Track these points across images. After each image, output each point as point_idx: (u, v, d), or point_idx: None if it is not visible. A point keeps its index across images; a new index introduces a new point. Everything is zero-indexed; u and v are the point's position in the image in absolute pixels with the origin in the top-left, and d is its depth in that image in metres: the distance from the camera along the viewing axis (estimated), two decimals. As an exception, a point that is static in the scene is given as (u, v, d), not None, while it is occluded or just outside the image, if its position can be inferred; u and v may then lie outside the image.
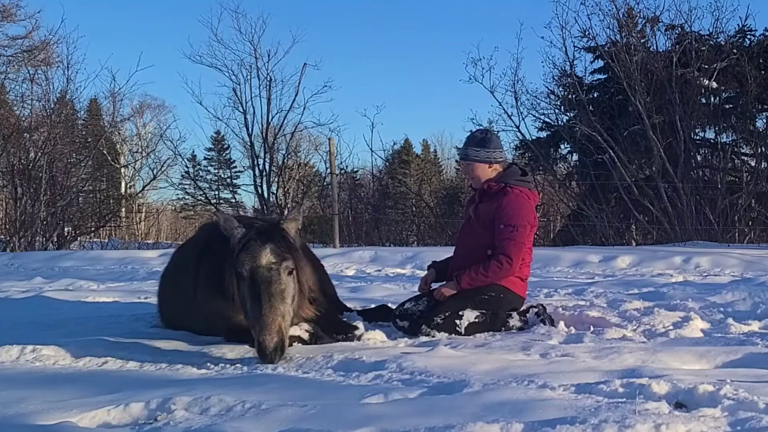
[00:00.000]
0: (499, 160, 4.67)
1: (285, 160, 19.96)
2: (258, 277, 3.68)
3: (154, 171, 23.33)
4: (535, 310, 4.65)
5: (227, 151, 43.35)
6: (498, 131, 18.31)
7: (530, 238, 4.67)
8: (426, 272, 4.96)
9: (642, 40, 16.23)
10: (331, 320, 4.39)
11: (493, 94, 17.03)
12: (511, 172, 4.67)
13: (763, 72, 15.39)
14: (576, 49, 16.71)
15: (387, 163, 21.98)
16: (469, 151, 4.65)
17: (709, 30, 15.74)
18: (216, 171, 46.19)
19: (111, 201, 24.02)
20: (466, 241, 4.73)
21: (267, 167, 18.81)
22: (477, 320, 4.43)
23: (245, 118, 19.24)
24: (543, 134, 18.19)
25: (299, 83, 18.75)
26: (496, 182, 4.62)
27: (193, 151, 42.93)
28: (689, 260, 9.33)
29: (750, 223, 15.34)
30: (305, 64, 18.78)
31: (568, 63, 16.77)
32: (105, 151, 26.90)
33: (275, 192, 18.95)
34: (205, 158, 44.73)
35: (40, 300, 6.26)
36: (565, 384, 2.89)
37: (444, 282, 4.71)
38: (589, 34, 16.31)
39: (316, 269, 4.71)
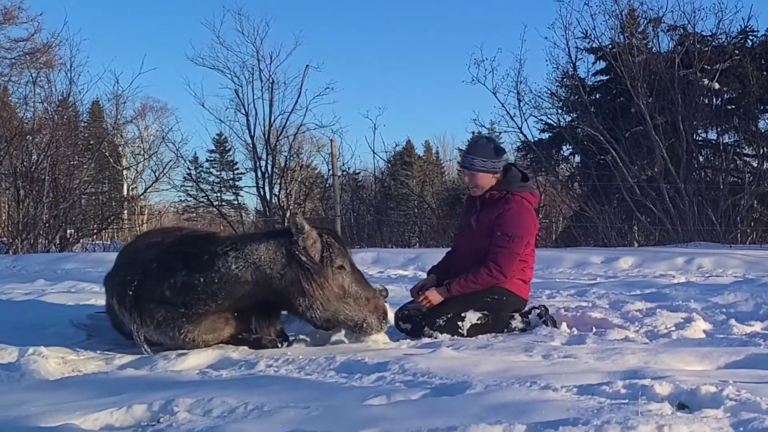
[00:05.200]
0: (501, 169, 4.62)
1: (287, 162, 19.95)
2: None
3: (157, 173, 23.34)
4: (538, 311, 4.65)
5: (229, 153, 43.40)
6: (500, 132, 18.34)
7: (531, 240, 4.66)
8: (426, 278, 4.91)
9: (644, 41, 16.23)
10: None
11: (496, 95, 17.02)
12: (512, 178, 4.61)
13: (765, 73, 15.37)
14: (578, 50, 16.73)
15: (389, 165, 21.98)
16: (476, 160, 4.54)
17: (711, 31, 15.74)
18: (218, 173, 46.24)
19: (113, 203, 24.06)
20: (467, 249, 4.68)
21: (269, 169, 18.82)
22: (479, 322, 4.43)
23: (247, 120, 19.25)
24: (545, 135, 18.19)
25: (301, 85, 18.74)
26: (497, 190, 4.58)
27: (196, 153, 42.88)
28: (691, 261, 9.32)
29: (752, 224, 15.33)
30: (307, 66, 18.78)
31: (571, 64, 16.78)
32: (107, 154, 26.92)
33: (277, 194, 18.94)
34: (207, 160, 44.81)
35: (43, 302, 6.26)
36: (567, 385, 2.89)
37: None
38: (591, 35, 16.32)
39: None
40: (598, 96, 17.28)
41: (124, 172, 32.23)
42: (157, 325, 3.98)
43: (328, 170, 17.10)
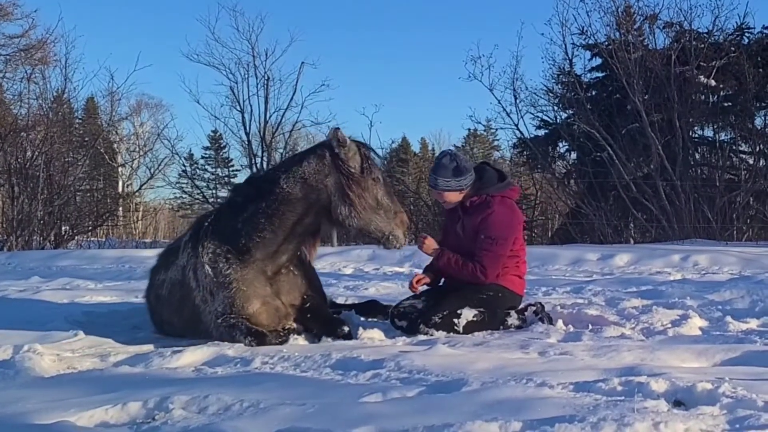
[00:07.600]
0: (470, 184, 4.59)
1: (283, 159, 19.96)
2: None
3: (152, 170, 23.39)
4: (534, 308, 4.65)
5: (225, 150, 43.39)
6: (497, 129, 18.42)
7: (519, 235, 4.68)
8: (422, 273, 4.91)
9: (640, 38, 16.25)
10: (322, 316, 4.51)
11: (492, 92, 17.06)
12: (488, 180, 4.61)
13: (761, 70, 15.41)
14: (575, 46, 16.75)
15: (385, 162, 22.00)
16: (440, 181, 4.57)
17: (707, 28, 15.78)
18: (213, 170, 46.22)
19: (108, 200, 24.02)
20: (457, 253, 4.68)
21: (265, 166, 18.81)
22: (475, 319, 4.43)
23: (243, 117, 19.27)
24: (541, 132, 18.20)
25: (297, 82, 18.78)
26: (476, 195, 4.58)
27: (191, 150, 42.91)
28: (687, 258, 9.34)
29: (748, 220, 15.38)
30: (303, 62, 18.83)
31: (567, 61, 16.81)
32: (102, 150, 26.88)
33: (273, 191, 18.96)
34: (202, 157, 44.81)
35: (37, 299, 6.24)
36: (563, 382, 2.89)
37: (437, 282, 4.76)
38: (588, 31, 16.35)
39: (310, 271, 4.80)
40: (594, 93, 17.31)
41: (119, 168, 32.22)
42: (213, 256, 4.24)
43: (324, 167, 17.08)
